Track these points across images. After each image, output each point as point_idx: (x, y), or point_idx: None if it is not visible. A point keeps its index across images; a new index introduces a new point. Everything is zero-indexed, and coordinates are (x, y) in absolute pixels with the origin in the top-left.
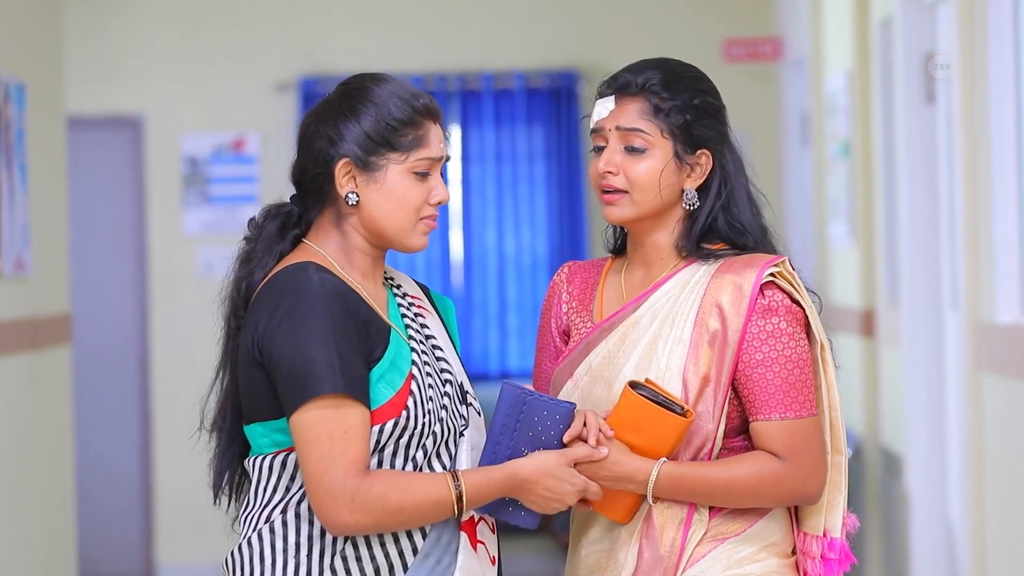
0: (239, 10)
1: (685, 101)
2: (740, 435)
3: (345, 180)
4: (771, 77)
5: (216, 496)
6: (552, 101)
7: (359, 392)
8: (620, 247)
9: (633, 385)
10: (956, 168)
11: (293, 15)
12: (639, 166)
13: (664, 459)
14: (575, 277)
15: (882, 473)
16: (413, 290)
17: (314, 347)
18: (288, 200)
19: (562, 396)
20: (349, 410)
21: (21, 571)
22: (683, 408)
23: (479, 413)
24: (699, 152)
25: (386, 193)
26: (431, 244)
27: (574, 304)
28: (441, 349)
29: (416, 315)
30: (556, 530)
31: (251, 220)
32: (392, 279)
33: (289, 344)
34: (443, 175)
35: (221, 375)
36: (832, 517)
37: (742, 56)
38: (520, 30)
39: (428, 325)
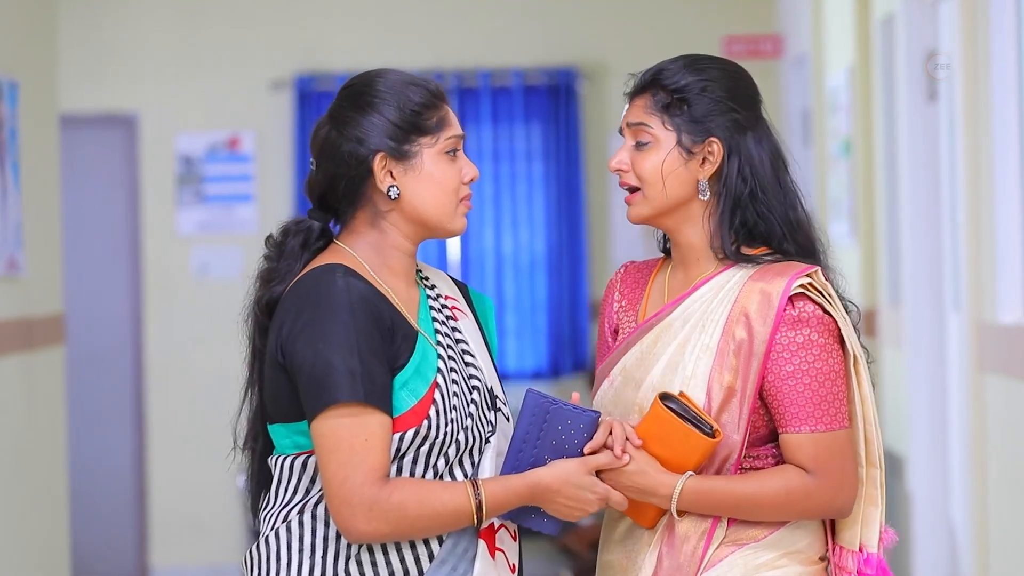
0: (234, 7)
1: (688, 91)
2: (767, 444)
3: (383, 175)
4: (772, 74)
5: (255, 516)
6: (550, 99)
7: (380, 400)
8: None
9: (664, 397)
10: (958, 167)
11: (289, 12)
12: (646, 161)
13: (689, 473)
14: (629, 276)
15: (884, 474)
16: (449, 289)
17: (336, 354)
18: (306, 216)
19: (599, 396)
20: (369, 418)
21: (14, 573)
22: (712, 427)
23: (508, 419)
24: (708, 141)
25: (426, 179)
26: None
27: (624, 303)
28: (472, 355)
29: (448, 318)
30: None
31: (268, 238)
32: (427, 278)
33: (311, 349)
34: None
35: (250, 395)
36: (868, 532)
37: (742, 53)
38: (518, 27)
39: (460, 328)
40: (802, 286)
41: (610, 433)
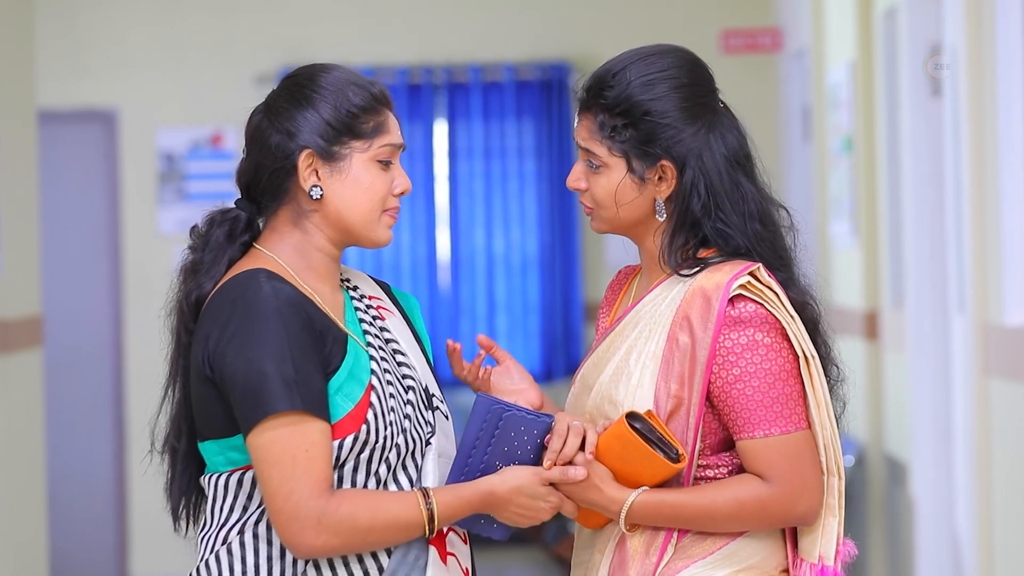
0: None
1: (632, 115)
2: (719, 453)
3: (308, 173)
4: (771, 69)
5: (176, 521)
6: (542, 94)
7: (318, 407)
8: None
9: (631, 416)
10: (963, 164)
11: (273, 4)
12: (598, 184)
13: (642, 488)
14: (617, 280)
15: (886, 480)
16: (372, 290)
17: (268, 362)
18: (233, 204)
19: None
20: (309, 426)
21: None
22: (678, 452)
23: (447, 417)
24: (659, 164)
25: (352, 184)
26: (417, 243)
27: (604, 307)
28: (403, 353)
29: (375, 318)
30: (548, 541)
31: (193, 228)
32: (348, 280)
33: (242, 359)
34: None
35: (171, 392)
36: (826, 543)
37: (740, 47)
38: (509, 20)
39: (388, 328)
40: (742, 286)
41: (565, 439)
